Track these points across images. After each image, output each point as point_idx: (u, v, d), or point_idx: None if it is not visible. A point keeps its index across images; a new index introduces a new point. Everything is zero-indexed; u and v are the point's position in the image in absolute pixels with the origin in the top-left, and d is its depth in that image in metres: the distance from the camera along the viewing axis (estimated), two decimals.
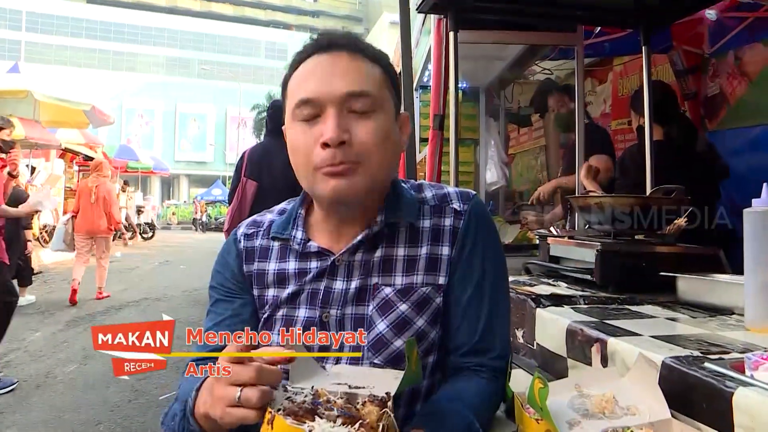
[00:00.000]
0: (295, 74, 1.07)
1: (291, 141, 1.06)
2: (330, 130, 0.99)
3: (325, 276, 1.09)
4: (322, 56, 1.05)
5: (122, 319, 6.72)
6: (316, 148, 1.00)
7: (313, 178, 1.03)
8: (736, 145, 3.91)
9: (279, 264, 1.13)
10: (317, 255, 1.10)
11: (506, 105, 4.91)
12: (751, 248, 1.24)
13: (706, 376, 0.93)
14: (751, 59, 3.87)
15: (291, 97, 1.05)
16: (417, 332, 1.06)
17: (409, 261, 1.08)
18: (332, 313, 1.07)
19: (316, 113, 1.02)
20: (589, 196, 1.97)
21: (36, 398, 4.09)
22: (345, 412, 0.79)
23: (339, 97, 1.01)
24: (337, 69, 1.03)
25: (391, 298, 1.06)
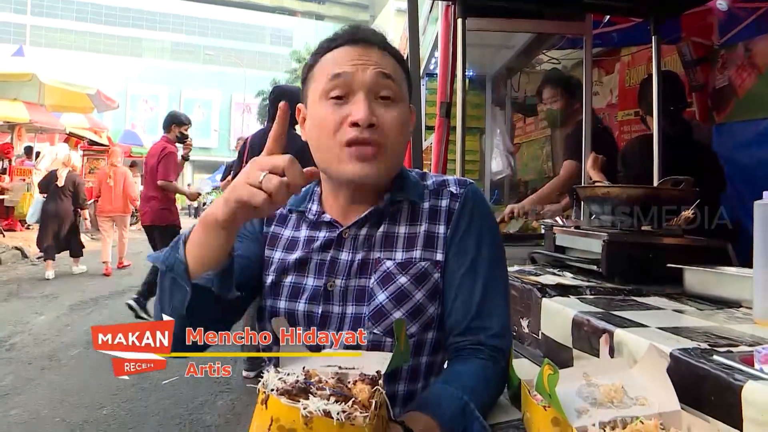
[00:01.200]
0: (325, 58, 1.13)
1: (318, 117, 1.10)
2: (362, 111, 1.05)
3: (332, 247, 1.15)
4: (355, 47, 1.11)
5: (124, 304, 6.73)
6: (344, 127, 1.06)
7: (339, 154, 1.08)
8: (744, 138, 3.88)
9: (293, 231, 1.21)
10: (328, 225, 1.17)
11: (512, 94, 4.88)
12: (762, 241, 1.23)
13: (715, 368, 0.92)
14: (761, 51, 3.83)
15: (321, 75, 1.11)
16: (416, 305, 1.11)
17: (408, 238, 1.15)
18: (337, 283, 1.12)
19: (346, 93, 1.08)
20: (597, 186, 1.95)
21: (40, 381, 4.12)
22: (337, 391, 0.81)
23: (370, 79, 1.08)
24: (369, 59, 1.10)
25: (391, 270, 1.12)
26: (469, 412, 0.99)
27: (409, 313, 1.10)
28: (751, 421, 0.82)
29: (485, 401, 1.06)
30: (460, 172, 2.46)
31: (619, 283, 1.69)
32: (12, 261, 9.41)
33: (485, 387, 1.07)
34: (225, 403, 3.78)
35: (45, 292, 7.26)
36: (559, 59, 4.42)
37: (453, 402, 0.99)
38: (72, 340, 5.14)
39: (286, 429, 0.77)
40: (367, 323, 1.10)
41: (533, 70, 4.83)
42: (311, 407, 0.76)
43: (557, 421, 0.92)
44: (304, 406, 0.76)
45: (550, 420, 0.93)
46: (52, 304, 6.65)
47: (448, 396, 1.00)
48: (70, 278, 8.33)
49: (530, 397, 0.99)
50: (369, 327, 1.09)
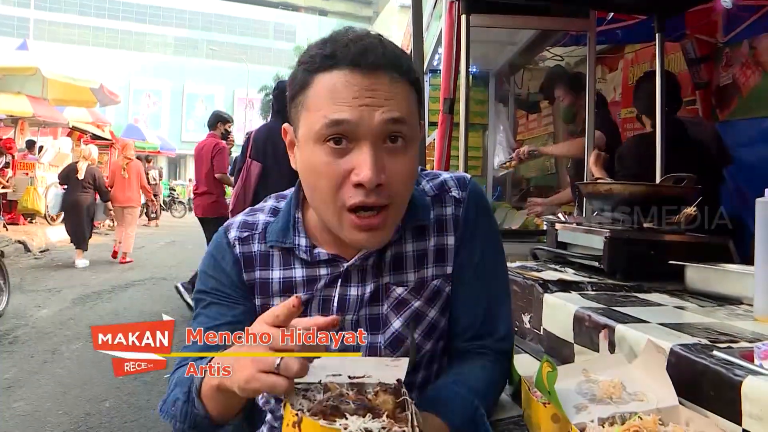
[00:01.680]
0: (320, 80, 0.93)
1: (312, 165, 0.94)
2: (368, 170, 0.89)
3: (337, 283, 1.05)
4: (359, 76, 0.91)
5: (128, 298, 6.78)
6: (347, 186, 0.91)
7: (339, 216, 0.94)
8: (747, 136, 3.88)
9: (284, 272, 1.07)
10: (327, 262, 1.05)
11: (516, 91, 4.89)
12: (763, 238, 1.23)
13: (715, 364, 0.92)
14: (766, 49, 3.82)
15: (315, 107, 0.92)
16: (430, 323, 1.08)
17: (418, 256, 1.07)
18: (348, 318, 1.04)
19: (348, 139, 0.91)
20: (599, 183, 1.96)
21: (43, 374, 4.13)
22: (362, 404, 0.78)
23: (377, 126, 0.90)
24: (377, 96, 0.91)
25: (404, 297, 1.06)
26: (479, 418, 0.98)
27: (425, 334, 1.07)
28: (750, 416, 0.83)
29: (491, 403, 1.06)
30: (463, 167, 2.47)
31: (620, 279, 1.70)
32: (15, 255, 9.43)
33: (492, 390, 1.07)
34: None
35: (48, 286, 7.28)
36: (562, 56, 4.43)
37: (465, 407, 0.97)
38: (75, 334, 5.15)
39: None
40: (385, 352, 1.05)
41: (537, 67, 4.84)
42: (351, 427, 0.73)
43: (557, 418, 0.93)
44: (344, 426, 0.73)
45: (549, 416, 0.94)
46: (54, 297, 6.67)
47: (460, 400, 0.98)
48: (72, 272, 8.35)
49: (530, 393, 1.00)
50: (386, 354, 1.05)
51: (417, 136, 0.98)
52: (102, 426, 3.32)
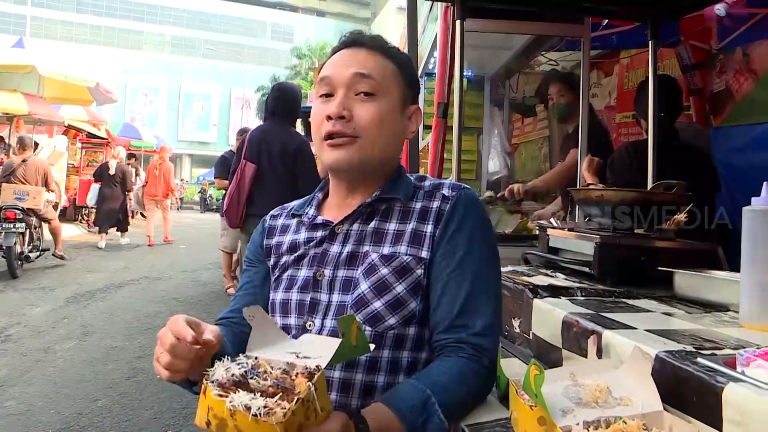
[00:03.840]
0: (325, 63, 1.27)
1: (312, 115, 1.24)
2: (334, 106, 1.18)
3: (324, 241, 1.24)
4: (346, 50, 1.25)
5: (121, 298, 6.77)
6: (324, 121, 1.19)
7: (320, 146, 1.22)
8: (741, 142, 3.90)
9: (294, 236, 1.30)
10: (323, 226, 1.26)
11: (511, 95, 4.90)
12: (749, 246, 1.24)
13: (698, 370, 0.93)
14: (759, 56, 3.85)
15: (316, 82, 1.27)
16: (396, 297, 1.15)
17: (397, 234, 1.21)
18: (325, 273, 1.21)
19: (330, 93, 1.21)
20: (590, 189, 1.97)
21: (35, 373, 4.13)
22: (278, 383, 0.86)
23: (347, 78, 1.20)
24: (353, 59, 1.23)
25: (375, 262, 1.17)
26: (430, 405, 1.02)
27: (389, 304, 1.14)
28: (731, 422, 0.84)
29: (458, 398, 1.08)
30: (456, 172, 2.48)
31: (610, 285, 1.71)
32: None
33: (458, 384, 1.09)
34: None
35: (42, 285, 7.28)
36: (557, 61, 4.45)
37: (415, 395, 1.03)
38: (67, 333, 5.15)
39: (218, 418, 0.84)
40: (349, 310, 1.15)
41: (532, 71, 4.86)
42: (236, 401, 0.82)
43: (543, 421, 0.94)
44: (230, 400, 0.82)
45: (536, 419, 0.95)
46: (48, 296, 6.67)
47: (412, 389, 1.05)
48: (66, 271, 8.34)
49: (517, 396, 1.01)
50: (351, 313, 1.13)
51: (390, 95, 1.23)
52: (94, 425, 3.32)
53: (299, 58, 40.49)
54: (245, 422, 0.81)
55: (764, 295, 1.23)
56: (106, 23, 49.36)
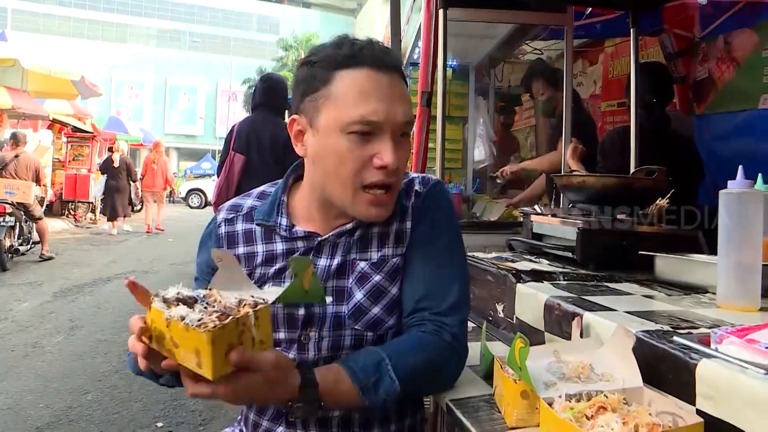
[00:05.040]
0: (345, 80, 1.08)
1: (337, 149, 1.08)
2: (391, 156, 1.07)
3: (310, 254, 1.18)
4: (380, 75, 1.09)
5: (108, 291, 6.75)
6: (369, 168, 1.08)
7: (355, 193, 1.10)
8: (723, 129, 3.95)
9: (266, 246, 1.21)
10: (305, 238, 1.20)
11: (496, 84, 4.92)
12: (725, 228, 1.27)
13: (674, 348, 0.96)
14: (739, 44, 3.89)
15: (344, 107, 1.07)
16: (392, 299, 1.18)
17: (381, 236, 1.20)
18: None
19: (372, 131, 1.08)
20: (573, 175, 1.99)
21: (23, 368, 4.12)
22: (222, 310, 0.88)
23: (400, 125, 1.10)
24: (395, 95, 1.10)
25: (366, 270, 1.18)
26: (383, 366, 1.06)
27: (386, 308, 1.18)
28: (703, 396, 0.86)
29: (413, 364, 1.10)
30: (440, 160, 2.49)
31: (593, 269, 1.73)
32: None
33: (415, 351, 1.11)
34: None
35: (29, 280, 7.24)
36: (542, 50, 4.47)
37: (368, 357, 1.07)
38: (55, 327, 5.14)
39: (157, 331, 0.89)
40: (348, 321, 1.16)
41: (517, 61, 4.88)
42: (174, 312, 0.86)
43: (526, 395, 0.97)
44: (169, 311, 0.87)
45: (519, 393, 0.98)
46: (35, 291, 6.64)
47: (367, 352, 1.09)
48: (53, 266, 8.30)
49: (502, 371, 1.04)
50: (349, 324, 1.16)
51: None
52: (84, 418, 3.32)
53: (285, 50, 40.28)
54: (177, 332, 0.85)
55: (740, 276, 1.26)
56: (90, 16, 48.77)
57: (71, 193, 13.94)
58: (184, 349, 0.86)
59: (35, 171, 8.71)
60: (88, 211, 14.59)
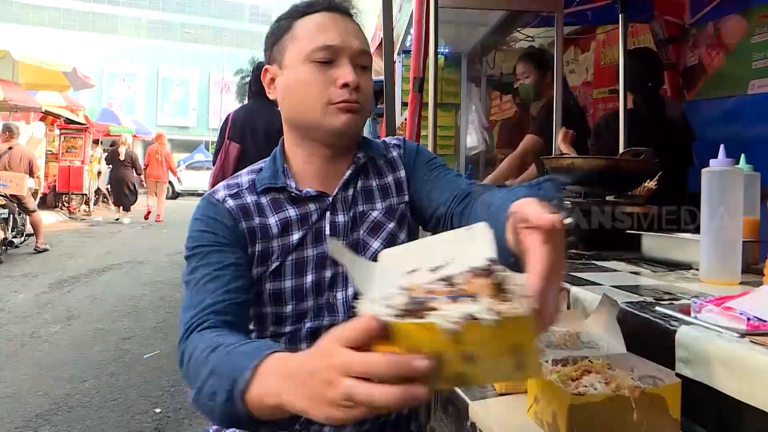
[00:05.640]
0: (305, 22, 1.19)
1: (302, 78, 1.16)
2: (350, 74, 1.14)
3: (326, 214, 1.20)
4: (335, 15, 1.20)
5: (104, 282, 6.77)
6: (332, 88, 1.14)
7: (324, 111, 1.15)
8: (712, 115, 3.99)
9: (279, 215, 1.18)
10: (314, 199, 1.20)
11: (488, 71, 4.95)
12: (707, 206, 1.31)
13: (656, 317, 1.01)
14: (728, 31, 3.93)
15: (303, 38, 1.17)
16: (399, 242, 1.23)
17: (382, 188, 1.27)
18: None
19: (332, 59, 1.15)
20: (562, 158, 2.03)
21: (21, 357, 4.15)
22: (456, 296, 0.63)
23: (355, 51, 1.17)
24: (350, 30, 1.19)
25: (379, 219, 1.23)
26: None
27: None
28: (682, 361, 0.91)
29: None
30: (432, 146, 2.53)
31: (582, 249, 1.78)
32: None
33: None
34: None
35: (24, 271, 7.25)
36: (533, 37, 4.49)
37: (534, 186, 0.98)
38: (52, 317, 5.17)
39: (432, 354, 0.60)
40: None
41: (509, 48, 4.90)
42: (450, 316, 0.59)
43: None
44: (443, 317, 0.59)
45: None
46: (31, 282, 6.65)
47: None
48: (48, 257, 8.31)
49: None
50: None
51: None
52: (82, 405, 3.36)
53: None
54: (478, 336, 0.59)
55: (722, 252, 1.30)
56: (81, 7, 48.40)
57: (65, 185, 13.93)
58: (490, 357, 0.60)
59: (29, 163, 8.71)
60: (82, 203, 14.57)
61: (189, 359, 0.93)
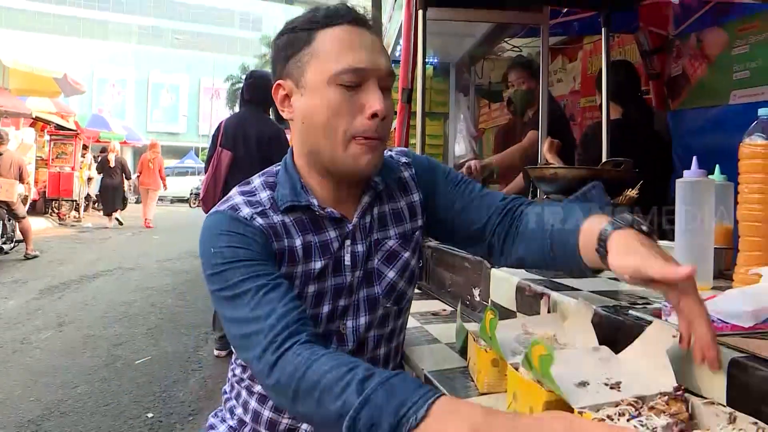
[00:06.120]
0: (328, 36, 1.08)
1: (326, 103, 1.06)
2: (379, 102, 1.06)
3: (346, 242, 1.15)
4: (359, 29, 1.10)
5: (95, 288, 6.79)
6: (359, 117, 1.06)
7: (347, 145, 1.07)
8: (696, 125, 4.08)
9: (303, 238, 1.12)
10: (333, 222, 1.14)
11: (477, 80, 5.03)
12: (681, 214, 1.38)
13: (628, 320, 1.07)
14: (711, 42, 4.03)
15: (330, 58, 1.06)
16: (411, 271, 1.24)
17: (395, 213, 1.22)
18: (356, 275, 1.16)
19: (360, 82, 1.06)
20: (545, 167, 2.10)
21: (12, 363, 4.17)
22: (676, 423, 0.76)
23: (383, 73, 1.09)
24: (376, 46, 1.10)
25: (395, 248, 1.21)
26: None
27: (408, 281, 1.23)
28: None
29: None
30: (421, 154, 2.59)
31: None
32: None
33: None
34: (197, 381, 3.88)
35: (14, 278, 7.25)
36: (520, 47, 4.58)
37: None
38: (43, 324, 5.18)
39: None
40: (382, 300, 1.18)
41: (498, 57, 4.98)
42: None
43: (496, 362, 1.08)
44: None
45: (490, 361, 1.08)
46: (21, 289, 6.66)
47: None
48: (38, 263, 8.30)
49: (474, 342, 1.15)
50: (383, 303, 1.18)
51: None
52: (75, 411, 3.39)
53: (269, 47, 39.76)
54: None
55: (695, 258, 1.36)
56: (71, 12, 48.29)
57: (55, 191, 13.92)
58: None
59: (19, 169, 8.71)
60: (72, 209, 14.54)
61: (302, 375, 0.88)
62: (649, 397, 0.82)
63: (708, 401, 0.81)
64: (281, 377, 0.90)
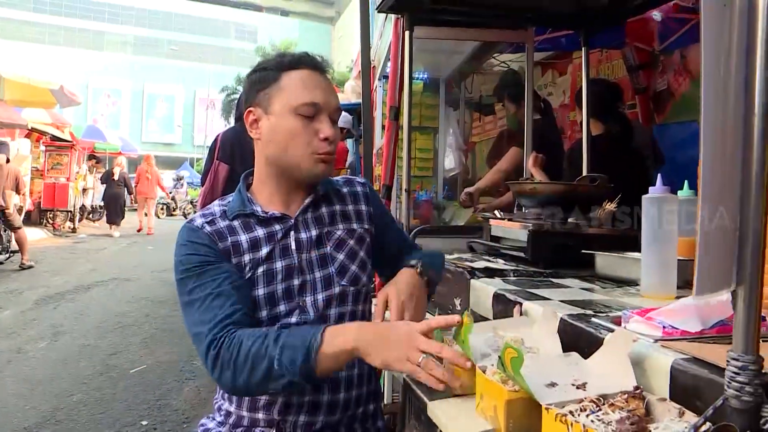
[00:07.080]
0: (292, 76, 1.39)
1: (288, 127, 1.36)
2: (330, 130, 1.38)
3: (291, 232, 1.42)
4: (317, 74, 1.42)
5: (90, 298, 6.84)
6: (315, 140, 1.37)
7: (309, 159, 1.38)
8: (680, 138, 4.20)
9: (249, 234, 1.40)
10: (278, 220, 1.42)
11: (467, 95, 5.13)
12: (647, 228, 1.47)
13: (589, 327, 1.16)
14: (694, 58, 4.14)
15: (291, 93, 1.37)
16: (362, 260, 1.49)
17: (343, 213, 1.52)
18: (304, 257, 1.41)
19: (314, 114, 1.37)
20: (525, 183, 2.19)
21: (8, 373, 4.22)
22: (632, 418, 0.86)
23: (333, 108, 1.41)
24: (329, 88, 1.43)
25: (342, 237, 1.48)
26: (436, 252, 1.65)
27: (359, 266, 1.47)
28: None
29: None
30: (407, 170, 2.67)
31: (542, 267, 1.93)
32: None
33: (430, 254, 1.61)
34: (191, 390, 3.95)
35: (9, 288, 7.29)
36: (508, 63, 4.69)
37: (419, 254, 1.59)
38: (38, 334, 5.24)
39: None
40: (336, 278, 1.43)
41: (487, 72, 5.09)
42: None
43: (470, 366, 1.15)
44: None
45: None
46: (16, 299, 6.71)
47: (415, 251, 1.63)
48: (33, 274, 8.34)
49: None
50: (338, 281, 1.42)
51: None
52: (70, 419, 3.45)
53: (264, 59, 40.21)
54: None
55: (660, 270, 1.45)
56: (66, 23, 48.41)
57: (50, 202, 13.99)
58: None
59: (15, 180, 8.77)
60: (67, 220, 14.58)
61: (236, 355, 1.19)
62: (611, 395, 0.93)
63: (661, 398, 0.92)
64: (222, 364, 1.19)
